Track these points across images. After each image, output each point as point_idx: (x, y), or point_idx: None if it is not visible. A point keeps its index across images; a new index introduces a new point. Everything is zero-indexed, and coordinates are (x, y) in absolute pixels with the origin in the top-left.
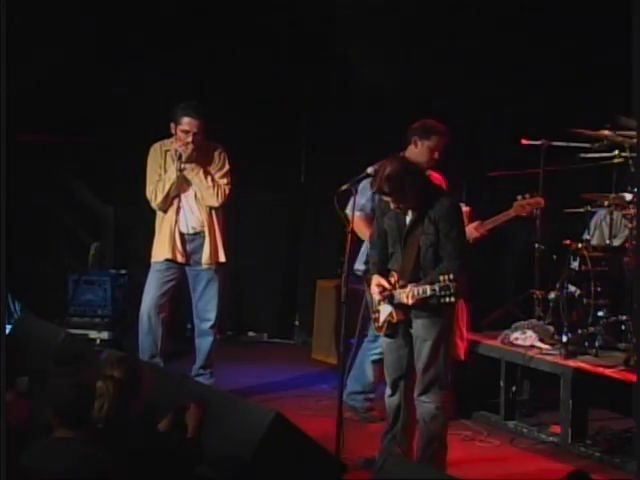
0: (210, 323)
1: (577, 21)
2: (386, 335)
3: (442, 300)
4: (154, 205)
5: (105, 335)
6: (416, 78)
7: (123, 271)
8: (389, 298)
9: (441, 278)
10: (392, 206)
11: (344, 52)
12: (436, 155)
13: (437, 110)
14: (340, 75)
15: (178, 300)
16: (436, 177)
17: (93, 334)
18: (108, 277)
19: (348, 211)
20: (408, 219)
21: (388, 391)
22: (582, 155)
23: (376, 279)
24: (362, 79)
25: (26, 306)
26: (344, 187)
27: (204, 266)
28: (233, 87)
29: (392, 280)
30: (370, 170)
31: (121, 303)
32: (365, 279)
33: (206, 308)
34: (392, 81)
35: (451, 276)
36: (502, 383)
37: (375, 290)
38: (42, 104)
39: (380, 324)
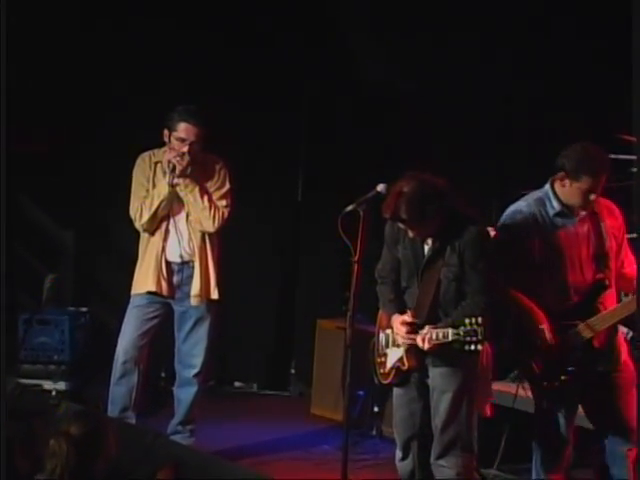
0: (194, 371)
1: (612, 17)
2: (395, 385)
3: (467, 347)
4: (138, 225)
5: (62, 385)
6: (435, 81)
7: (84, 309)
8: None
9: (467, 321)
10: (410, 234)
11: (348, 54)
12: (592, 197)
13: (459, 118)
14: (344, 81)
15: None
16: (606, 204)
17: (48, 384)
18: (66, 316)
19: None
20: (427, 248)
21: (399, 454)
22: (634, 169)
23: (400, 318)
24: (369, 84)
25: None
26: (350, 208)
27: (193, 302)
28: (224, 94)
29: (406, 319)
30: (380, 188)
31: (82, 347)
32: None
33: (191, 352)
34: (403, 86)
35: (479, 320)
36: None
37: (402, 330)
38: None
39: (387, 371)
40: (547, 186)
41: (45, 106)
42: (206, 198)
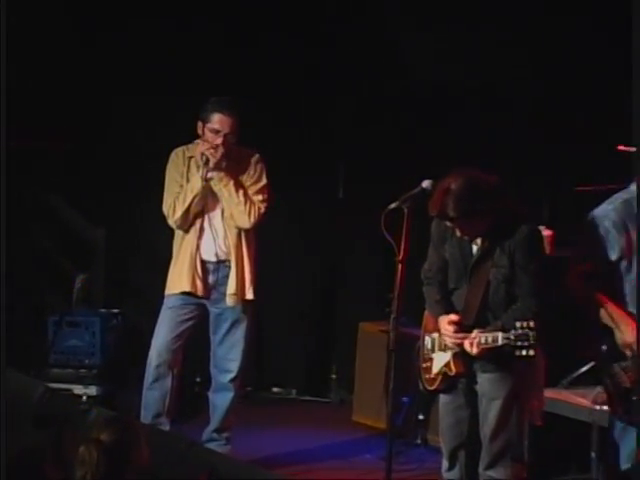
0: (231, 375)
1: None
2: (442, 392)
3: (517, 352)
4: (171, 222)
5: (93, 390)
6: (483, 72)
7: (116, 310)
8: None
9: (518, 324)
10: (457, 233)
11: (394, 50)
12: None
13: (508, 112)
14: (388, 74)
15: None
16: None
17: (78, 389)
18: (97, 318)
19: None
20: (475, 248)
21: (445, 464)
22: None
23: (447, 318)
24: (414, 78)
25: None
26: (393, 205)
27: (229, 302)
28: (258, 87)
29: (454, 318)
30: (426, 184)
31: (113, 350)
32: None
33: (227, 356)
34: (453, 77)
35: (531, 323)
36: (594, 454)
37: (449, 329)
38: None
39: (432, 376)
40: (633, 186)
41: (73, 102)
42: (241, 192)
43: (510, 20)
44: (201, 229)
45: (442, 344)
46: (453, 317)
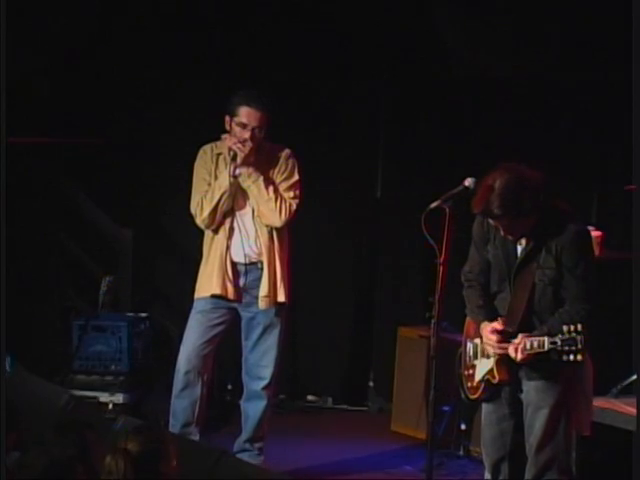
0: (263, 383)
1: None
2: (485, 400)
3: (565, 357)
4: (199, 221)
5: (120, 398)
6: (528, 69)
7: (144, 314)
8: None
9: (565, 328)
10: (501, 232)
11: (432, 44)
12: None
13: (555, 110)
14: (427, 70)
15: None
16: None
17: (104, 397)
18: (124, 322)
19: None
20: (520, 248)
21: (488, 477)
22: None
23: (489, 325)
24: (453, 75)
25: (18, 360)
26: (434, 204)
27: (261, 304)
28: (296, 85)
29: (497, 327)
30: (468, 183)
31: (141, 356)
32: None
33: (260, 363)
34: (498, 74)
35: (578, 327)
36: None
37: (492, 339)
38: (35, 97)
39: (475, 384)
40: None
41: (100, 101)
42: (271, 189)
43: (559, 15)
44: (231, 229)
45: (485, 351)
46: (496, 325)
